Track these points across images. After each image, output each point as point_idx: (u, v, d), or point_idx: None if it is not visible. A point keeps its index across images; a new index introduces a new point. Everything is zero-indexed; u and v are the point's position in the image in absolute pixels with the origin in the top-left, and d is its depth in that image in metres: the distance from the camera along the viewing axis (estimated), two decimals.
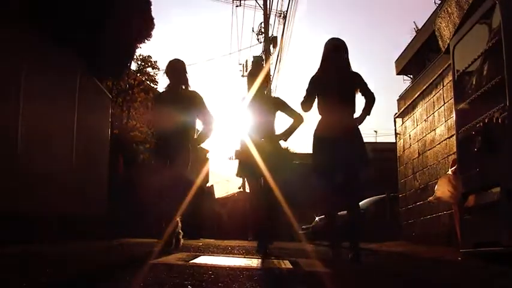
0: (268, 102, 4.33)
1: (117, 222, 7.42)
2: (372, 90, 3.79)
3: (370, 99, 3.77)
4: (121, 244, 5.25)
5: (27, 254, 3.28)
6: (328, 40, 3.79)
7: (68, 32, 5.35)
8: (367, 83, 3.79)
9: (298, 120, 4.23)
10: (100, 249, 4.23)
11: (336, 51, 3.75)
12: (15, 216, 4.13)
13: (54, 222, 4.93)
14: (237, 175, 4.50)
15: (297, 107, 4.00)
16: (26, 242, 3.95)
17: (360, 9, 71.16)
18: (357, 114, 3.78)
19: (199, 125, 4.28)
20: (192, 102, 4.12)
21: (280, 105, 4.33)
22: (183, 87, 4.16)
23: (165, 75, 4.16)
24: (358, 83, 3.76)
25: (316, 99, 3.85)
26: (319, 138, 3.71)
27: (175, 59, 4.18)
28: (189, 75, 4.20)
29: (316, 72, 3.82)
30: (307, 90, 3.83)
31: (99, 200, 6.78)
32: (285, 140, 4.30)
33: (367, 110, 3.77)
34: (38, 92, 4.81)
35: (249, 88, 4.44)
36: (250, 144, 4.20)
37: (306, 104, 3.87)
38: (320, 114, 3.78)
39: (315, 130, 3.74)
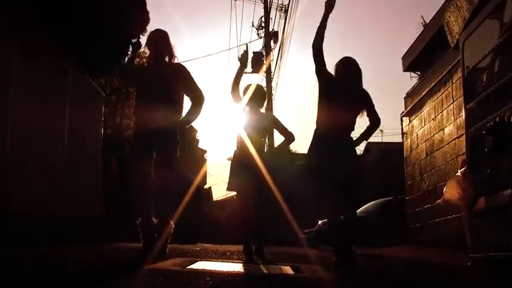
0: (263, 118, 4.49)
1: (111, 225, 7.43)
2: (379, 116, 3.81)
3: (375, 124, 3.80)
4: (115, 248, 5.25)
5: (17, 257, 3.27)
6: (341, 59, 3.82)
7: (59, 28, 5.36)
8: (374, 105, 3.82)
9: (289, 138, 4.46)
10: (93, 254, 4.22)
11: (349, 68, 3.76)
12: (3, 218, 4.13)
13: (45, 224, 4.93)
14: (227, 189, 4.42)
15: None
16: (15, 244, 3.95)
17: (365, 1, 71.17)
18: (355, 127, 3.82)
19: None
20: (177, 76, 3.77)
21: (275, 123, 4.57)
22: (167, 59, 3.80)
23: (146, 47, 3.81)
24: (367, 101, 3.78)
25: (321, 103, 3.83)
26: (317, 140, 3.74)
27: (157, 29, 3.83)
28: (174, 47, 3.83)
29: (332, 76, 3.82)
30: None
31: (93, 202, 6.79)
32: (273, 156, 4.58)
33: (367, 135, 3.82)
34: (28, 89, 4.81)
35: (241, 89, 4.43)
36: (247, 147, 4.25)
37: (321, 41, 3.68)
38: (321, 119, 3.80)
39: (314, 132, 3.77)
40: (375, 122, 3.81)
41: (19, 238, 4.26)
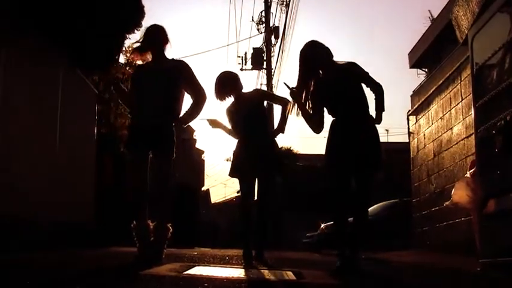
0: (252, 98, 4.49)
1: (105, 229, 7.43)
2: (378, 80, 3.75)
3: (377, 91, 3.72)
4: (108, 252, 5.25)
5: (7, 263, 3.27)
6: (301, 48, 3.80)
7: (50, 22, 5.35)
8: (368, 72, 3.76)
9: (285, 104, 4.40)
10: (85, 258, 4.22)
11: (311, 50, 3.75)
12: None
13: (34, 229, 4.92)
14: (229, 175, 4.48)
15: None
16: (2, 249, 3.95)
17: None
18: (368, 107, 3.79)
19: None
20: (179, 72, 3.79)
21: (264, 95, 4.65)
22: (166, 56, 3.85)
23: (142, 44, 3.83)
24: (357, 73, 3.75)
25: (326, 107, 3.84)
26: (332, 140, 3.74)
27: (153, 24, 3.86)
28: (170, 42, 3.86)
29: (313, 87, 3.83)
30: (312, 107, 3.83)
31: (85, 205, 6.78)
32: (283, 132, 4.47)
33: (380, 105, 3.73)
34: (18, 86, 4.81)
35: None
36: (247, 142, 4.32)
37: (315, 122, 3.81)
38: (332, 116, 3.81)
39: (329, 133, 3.78)
40: (376, 89, 3.72)
41: (5, 243, 4.25)
